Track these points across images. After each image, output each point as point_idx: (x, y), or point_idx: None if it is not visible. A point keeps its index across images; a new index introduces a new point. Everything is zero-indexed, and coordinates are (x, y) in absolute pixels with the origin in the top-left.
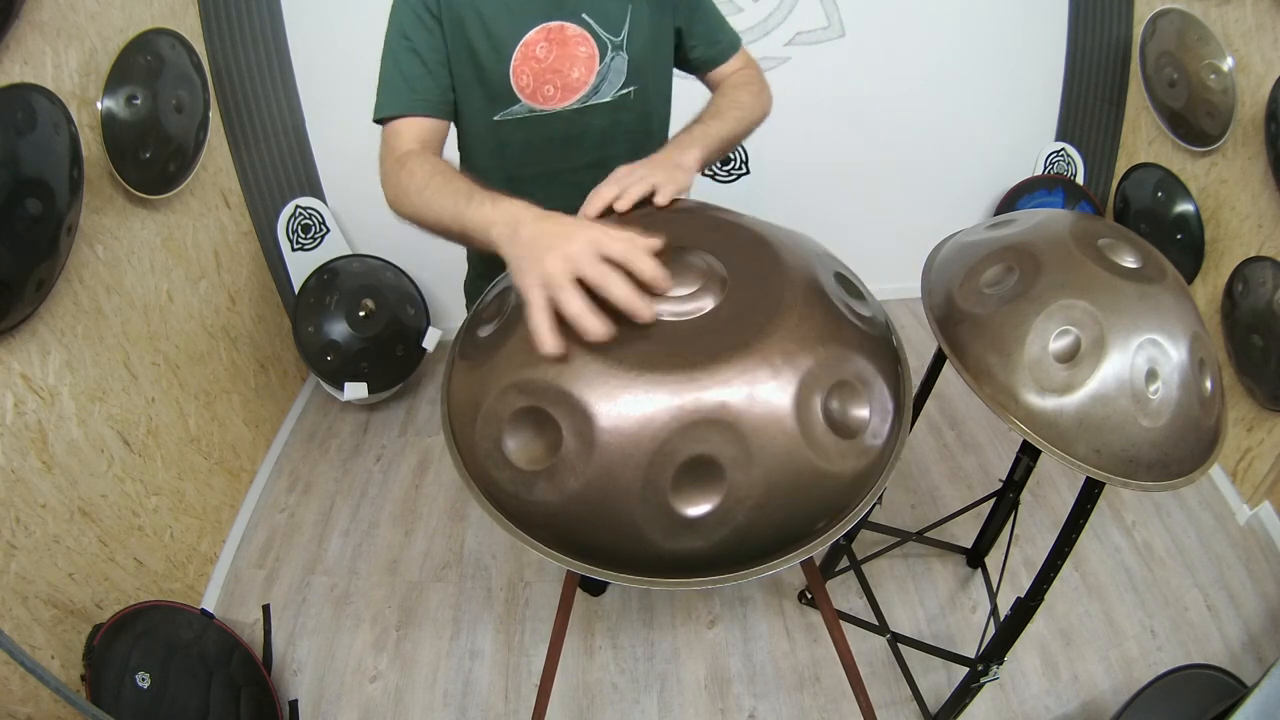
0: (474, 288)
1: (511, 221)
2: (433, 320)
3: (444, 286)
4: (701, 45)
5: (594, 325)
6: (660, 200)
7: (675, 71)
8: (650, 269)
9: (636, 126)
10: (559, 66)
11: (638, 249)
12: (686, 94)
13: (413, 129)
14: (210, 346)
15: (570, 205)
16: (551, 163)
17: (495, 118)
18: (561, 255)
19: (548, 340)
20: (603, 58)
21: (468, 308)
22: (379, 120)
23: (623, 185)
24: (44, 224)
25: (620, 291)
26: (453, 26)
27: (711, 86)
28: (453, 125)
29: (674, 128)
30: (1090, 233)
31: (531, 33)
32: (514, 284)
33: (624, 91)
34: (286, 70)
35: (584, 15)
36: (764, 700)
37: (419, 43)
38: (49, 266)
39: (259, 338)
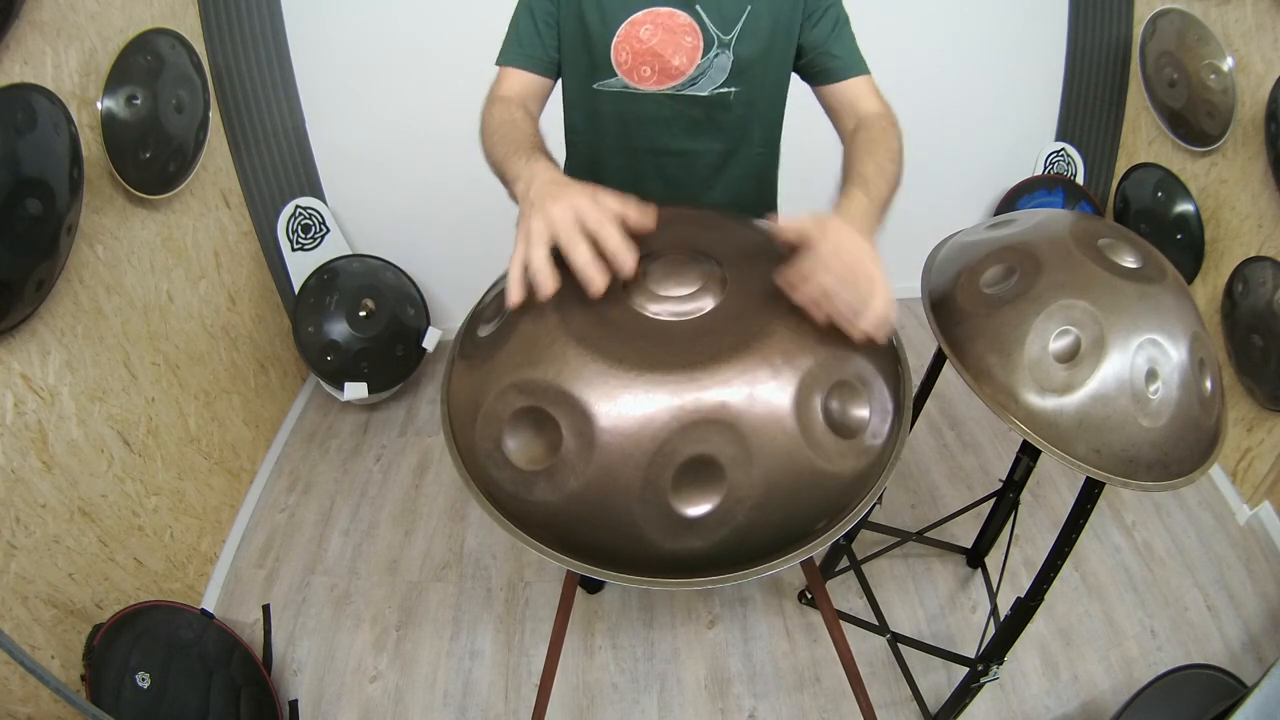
0: None
1: (527, 180)
2: (433, 320)
3: (444, 286)
4: (822, 56)
5: (594, 281)
6: (878, 337)
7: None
8: (614, 242)
9: (734, 129)
10: (660, 51)
11: (609, 226)
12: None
13: (514, 79)
14: (210, 346)
15: (650, 187)
16: (637, 140)
17: (594, 86)
18: (543, 216)
19: (514, 288)
20: (706, 52)
21: None
22: (497, 65)
23: (826, 289)
24: (44, 224)
25: (580, 258)
26: None
27: (828, 107)
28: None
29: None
30: (1090, 233)
31: (639, 13)
32: None
33: (723, 90)
34: (286, 70)
35: (697, 6)
36: (764, 700)
37: (535, 4)
38: (49, 266)
39: (259, 338)
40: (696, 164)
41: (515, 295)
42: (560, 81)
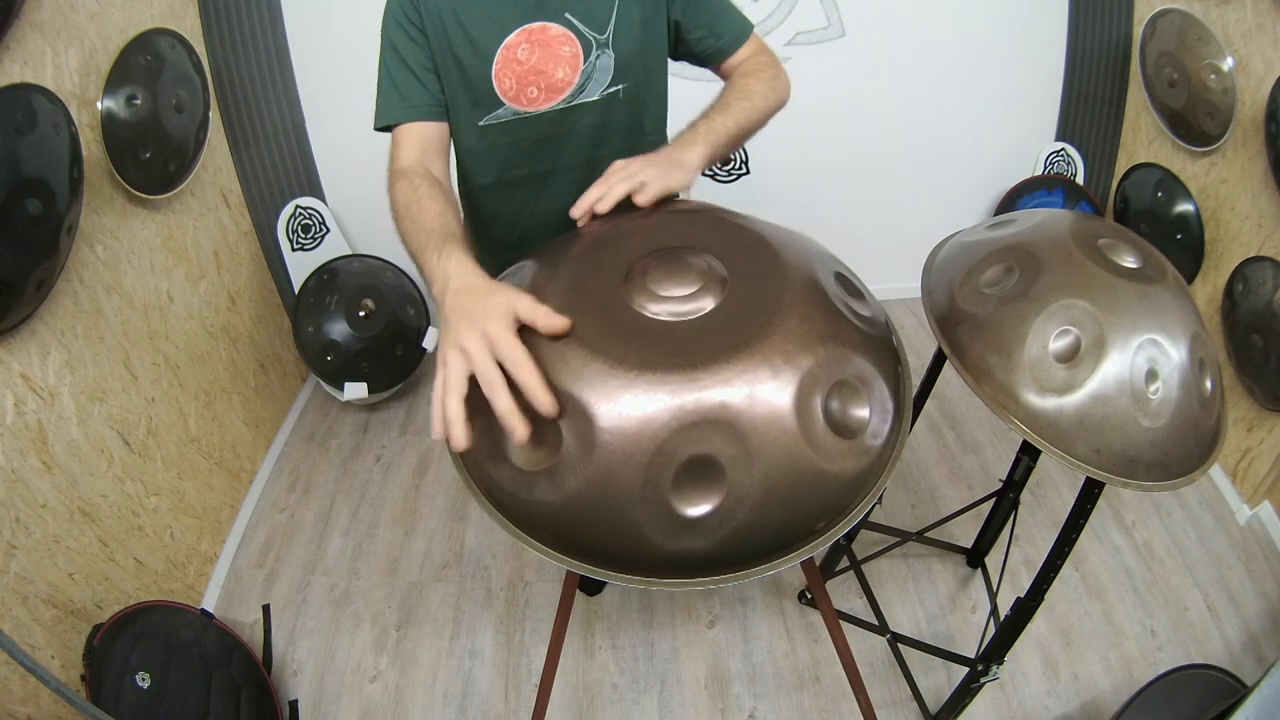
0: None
1: (441, 284)
2: (433, 320)
3: None
4: (709, 36)
5: (515, 431)
6: (640, 200)
7: (681, 67)
8: (528, 382)
9: (629, 124)
10: (542, 67)
11: (525, 364)
12: (684, 91)
13: (410, 136)
14: (210, 346)
15: (562, 205)
16: (540, 164)
17: (480, 123)
18: (457, 347)
19: (436, 426)
20: (587, 56)
21: None
22: (379, 129)
23: (608, 184)
24: (44, 224)
25: (499, 406)
26: (436, 35)
27: (724, 78)
28: None
29: (673, 124)
30: (1090, 233)
31: (512, 35)
32: None
33: (612, 90)
34: (286, 70)
35: (567, 14)
36: (764, 700)
37: (406, 52)
38: (49, 266)
39: (259, 338)
40: (602, 170)
41: (435, 432)
42: None
